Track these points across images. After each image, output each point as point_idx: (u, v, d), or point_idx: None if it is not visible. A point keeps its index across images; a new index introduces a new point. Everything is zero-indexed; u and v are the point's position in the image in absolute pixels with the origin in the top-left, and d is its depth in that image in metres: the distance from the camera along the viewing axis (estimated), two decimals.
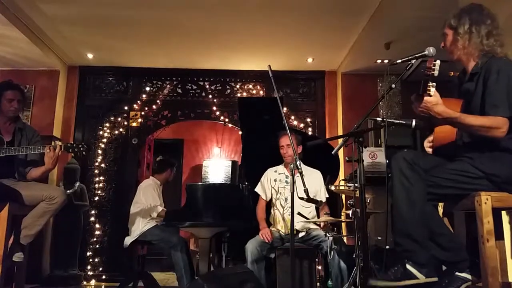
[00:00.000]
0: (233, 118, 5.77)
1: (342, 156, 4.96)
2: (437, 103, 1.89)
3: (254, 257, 3.10)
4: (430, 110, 1.90)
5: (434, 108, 1.89)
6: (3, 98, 2.94)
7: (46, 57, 5.22)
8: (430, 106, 1.89)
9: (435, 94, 1.88)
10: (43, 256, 5.13)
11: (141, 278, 4.34)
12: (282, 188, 3.36)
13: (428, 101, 1.89)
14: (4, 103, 2.93)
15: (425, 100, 1.89)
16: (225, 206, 3.58)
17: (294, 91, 5.95)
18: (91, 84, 5.90)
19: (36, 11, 4.38)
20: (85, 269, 5.22)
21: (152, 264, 5.78)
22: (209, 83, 5.91)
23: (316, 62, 5.62)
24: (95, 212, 5.45)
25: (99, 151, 5.63)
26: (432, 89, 1.87)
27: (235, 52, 5.34)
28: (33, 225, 2.77)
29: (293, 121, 5.72)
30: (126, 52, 5.39)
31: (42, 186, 2.91)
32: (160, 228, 4.20)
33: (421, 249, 1.89)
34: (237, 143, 7.42)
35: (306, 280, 3.07)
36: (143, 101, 5.78)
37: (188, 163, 7.64)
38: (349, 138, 2.20)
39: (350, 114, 5.45)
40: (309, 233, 3.28)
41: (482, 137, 1.88)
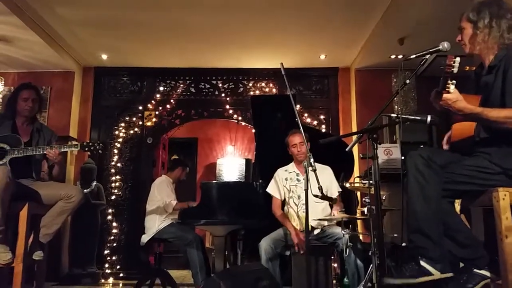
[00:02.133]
0: (246, 116, 5.78)
1: (357, 153, 4.93)
2: (457, 99, 1.86)
3: (268, 255, 3.11)
4: (450, 107, 1.88)
5: (455, 105, 1.87)
6: (19, 98, 2.99)
7: (62, 59, 5.30)
8: (451, 103, 1.87)
9: (454, 91, 1.86)
10: (62, 255, 5.23)
11: (158, 275, 4.38)
12: (294, 186, 3.35)
13: (447, 98, 1.86)
14: (20, 103, 2.98)
15: (444, 97, 1.86)
16: (239, 204, 3.59)
17: (307, 88, 5.93)
18: (106, 85, 5.98)
19: (51, 14, 4.45)
20: (103, 267, 5.30)
21: (169, 262, 5.83)
22: (222, 82, 5.93)
23: (329, 59, 5.59)
24: (112, 210, 5.52)
25: (115, 151, 5.70)
26: (451, 87, 1.85)
27: (248, 50, 5.34)
28: (51, 224, 2.82)
29: (306, 118, 5.70)
30: (139, 52, 5.44)
31: (59, 185, 2.97)
32: (176, 226, 4.24)
33: (434, 245, 1.87)
34: (251, 141, 7.43)
35: (322, 278, 3.07)
36: (157, 100, 5.83)
37: (202, 162, 7.68)
38: (363, 135, 2.19)
39: (364, 110, 5.40)
40: (324, 231, 3.27)
41: (501, 132, 1.85)
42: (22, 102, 2.98)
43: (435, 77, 1.99)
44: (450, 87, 1.85)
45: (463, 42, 2.08)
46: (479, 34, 2.00)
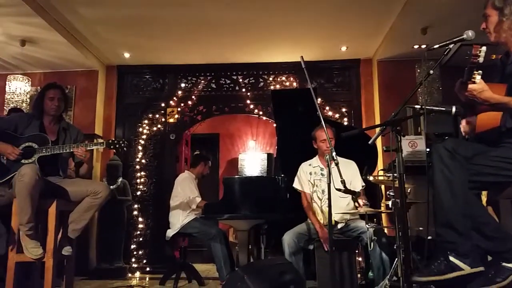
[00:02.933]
0: (267, 111, 5.77)
1: (380, 146, 4.86)
2: (483, 89, 1.81)
3: (291, 249, 3.11)
4: (476, 98, 1.83)
5: (481, 95, 1.82)
6: (46, 97, 3.06)
7: (85, 58, 5.41)
8: (476, 94, 1.82)
9: (480, 82, 1.81)
10: (90, 250, 5.37)
11: (183, 269, 4.46)
12: (318, 180, 3.33)
13: (473, 89, 1.82)
14: (46, 102, 3.06)
15: (470, 87, 1.82)
16: (261, 199, 3.60)
17: (329, 81, 5.87)
18: (129, 83, 6.07)
19: (74, 15, 4.55)
20: (129, 261, 5.41)
21: (194, 256, 5.92)
22: (242, 77, 5.93)
23: (350, 51, 5.52)
24: (137, 206, 5.63)
25: (139, 147, 5.80)
26: (477, 77, 1.80)
27: (267, 44, 5.32)
28: (79, 220, 2.89)
29: (328, 111, 5.65)
30: (161, 50, 5.50)
31: (86, 182, 3.03)
32: (200, 220, 4.29)
33: (463, 239, 1.84)
34: (272, 135, 7.42)
35: (346, 272, 3.05)
36: (179, 97, 5.89)
37: (224, 157, 7.73)
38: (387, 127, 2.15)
39: (388, 102, 5.32)
40: (348, 225, 3.25)
41: None
42: (48, 102, 3.05)
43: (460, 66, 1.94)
44: (476, 77, 1.80)
45: (488, 30, 2.02)
46: (505, 22, 1.93)
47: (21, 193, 2.60)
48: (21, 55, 5.21)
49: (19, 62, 5.47)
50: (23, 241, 2.71)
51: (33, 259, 2.70)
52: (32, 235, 2.69)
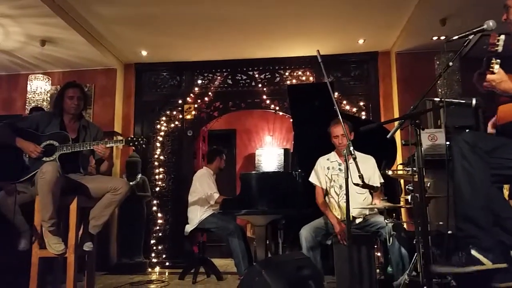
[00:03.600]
0: (283, 106, 5.75)
1: (399, 140, 4.80)
2: (501, 80, 1.77)
3: (309, 244, 3.11)
4: (495, 89, 1.79)
5: (500, 86, 1.77)
6: (65, 96, 3.11)
7: (104, 57, 5.49)
8: (495, 84, 1.77)
9: (498, 72, 1.76)
10: (110, 245, 5.46)
11: (202, 264, 4.51)
12: (335, 175, 3.31)
13: (491, 79, 1.77)
14: (66, 101, 3.11)
15: (488, 78, 1.77)
16: (279, 194, 3.60)
17: (346, 74, 5.81)
18: (146, 80, 6.13)
19: (92, 14, 4.61)
20: (149, 256, 5.49)
21: (212, 251, 5.97)
22: (258, 72, 5.92)
23: (367, 43, 5.45)
24: (156, 202, 5.70)
25: (157, 144, 5.86)
26: (496, 66, 1.75)
27: (283, 39, 5.30)
28: (100, 216, 2.94)
29: (345, 105, 5.60)
30: (177, 47, 5.53)
31: (106, 179, 3.08)
32: (217, 216, 4.32)
33: (485, 234, 1.80)
34: (289, 130, 7.40)
35: (365, 267, 3.03)
36: (196, 94, 5.92)
37: (241, 153, 7.75)
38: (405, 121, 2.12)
39: (406, 95, 5.23)
40: (367, 220, 3.23)
41: None
42: (68, 101, 3.10)
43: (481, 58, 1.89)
44: (494, 67, 1.75)
45: (509, 20, 1.97)
46: None
47: (43, 190, 2.66)
48: (41, 54, 5.32)
49: (40, 62, 5.58)
50: (46, 237, 2.77)
51: (55, 255, 2.76)
52: (54, 231, 2.75)
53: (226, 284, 4.21)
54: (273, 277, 2.32)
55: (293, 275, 2.44)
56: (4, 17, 4.39)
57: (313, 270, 2.63)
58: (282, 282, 2.30)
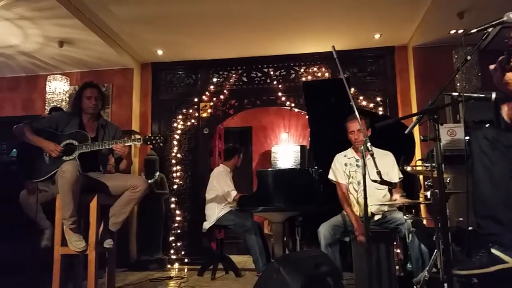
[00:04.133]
0: (299, 103, 5.73)
1: (417, 135, 4.73)
2: None
3: (327, 241, 3.10)
4: None
5: None
6: (83, 96, 3.17)
7: (120, 57, 5.55)
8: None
9: None
10: (130, 242, 5.54)
11: (220, 260, 4.54)
12: (353, 172, 3.28)
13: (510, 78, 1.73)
14: (84, 101, 3.17)
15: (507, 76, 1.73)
16: (295, 191, 3.59)
17: (362, 70, 5.75)
18: (163, 79, 6.19)
19: (108, 14, 4.67)
20: (168, 253, 5.55)
21: (230, 247, 6.01)
22: (274, 69, 5.91)
23: (384, 38, 5.38)
24: (174, 199, 5.75)
25: (174, 142, 5.91)
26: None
27: (298, 35, 5.27)
28: (120, 213, 2.99)
29: (361, 101, 5.54)
30: (192, 46, 5.56)
31: (125, 177, 3.13)
32: (235, 213, 4.34)
33: (506, 231, 1.76)
34: (305, 127, 7.38)
35: (384, 264, 3.01)
36: (211, 92, 5.95)
37: (257, 150, 7.75)
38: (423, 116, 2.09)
39: (424, 90, 5.16)
40: (385, 216, 3.20)
41: None
42: (86, 101, 3.16)
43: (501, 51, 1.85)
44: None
45: None
46: None
47: (63, 189, 2.71)
48: (59, 55, 5.42)
49: (58, 63, 5.68)
50: (67, 234, 2.83)
51: (76, 252, 2.82)
52: (75, 229, 2.81)
53: (244, 281, 4.23)
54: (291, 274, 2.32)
55: (311, 272, 2.43)
56: (23, 19, 4.48)
57: (331, 267, 2.62)
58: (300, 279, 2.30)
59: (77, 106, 3.19)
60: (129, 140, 3.09)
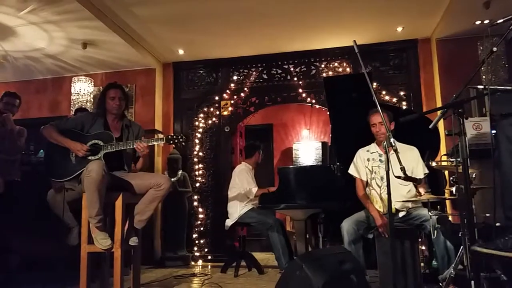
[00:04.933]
0: (320, 99, 5.69)
1: (442, 129, 4.63)
2: None
3: (350, 237, 3.07)
4: None
5: None
6: (107, 97, 3.24)
7: (143, 57, 5.63)
8: None
9: None
10: (155, 240, 5.63)
11: (243, 257, 4.56)
12: (376, 167, 3.24)
13: None
14: (108, 102, 3.23)
15: None
16: (317, 188, 3.57)
17: (384, 64, 5.65)
18: (184, 79, 6.25)
19: (130, 15, 4.74)
20: (192, 250, 5.62)
21: (253, 245, 6.04)
22: (294, 66, 5.88)
23: (406, 31, 5.28)
24: (197, 197, 5.81)
25: (196, 141, 5.97)
26: None
27: (318, 30, 5.22)
28: (144, 211, 3.04)
29: (384, 96, 5.46)
30: (213, 44, 5.59)
31: (149, 175, 3.17)
32: (257, 210, 4.36)
33: None
34: (326, 123, 7.33)
35: (409, 261, 2.97)
36: (232, 90, 5.97)
37: (278, 147, 7.75)
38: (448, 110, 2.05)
39: (449, 83, 5.04)
40: (410, 213, 3.15)
41: None
42: (110, 101, 3.23)
43: None
44: None
45: None
46: None
47: (89, 188, 2.78)
48: (83, 57, 5.53)
49: (82, 64, 5.81)
50: (93, 232, 2.89)
51: (102, 250, 2.88)
52: (101, 227, 2.86)
53: (267, 278, 4.24)
54: (314, 271, 2.31)
55: (334, 269, 2.42)
56: (48, 23, 4.60)
57: (355, 264, 2.60)
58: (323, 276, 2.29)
59: (101, 106, 3.26)
60: (152, 140, 3.13)
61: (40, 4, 4.20)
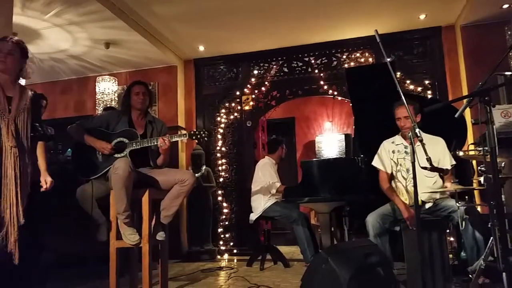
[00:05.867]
0: (342, 91, 5.62)
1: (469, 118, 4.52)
2: None
3: (376, 231, 3.04)
4: None
5: None
6: (132, 93, 3.30)
7: (164, 55, 5.69)
8: None
9: None
10: (181, 234, 5.72)
11: (268, 251, 4.59)
12: (401, 159, 3.18)
13: None
14: (132, 97, 3.29)
15: None
16: (341, 180, 3.55)
17: (408, 52, 5.54)
18: (205, 75, 6.29)
19: (151, 14, 4.79)
20: (218, 244, 5.69)
21: (278, 238, 6.05)
22: (314, 58, 5.83)
23: (429, 18, 5.15)
24: (221, 192, 5.86)
25: (218, 136, 6.01)
26: None
27: (339, 21, 5.16)
28: (170, 206, 3.09)
29: (408, 85, 5.35)
30: (233, 39, 5.60)
31: (174, 171, 3.22)
32: (280, 204, 4.36)
33: None
34: (349, 115, 7.24)
35: (437, 253, 2.92)
36: (253, 84, 5.97)
37: (300, 140, 7.71)
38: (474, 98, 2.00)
39: (475, 70, 4.89)
40: (437, 204, 3.09)
41: None
42: (134, 96, 3.29)
43: None
44: None
45: None
46: None
47: (117, 185, 2.84)
48: (107, 57, 5.64)
49: (105, 64, 5.92)
50: (121, 228, 2.96)
51: (131, 245, 2.94)
52: (129, 223, 2.93)
53: (293, 271, 4.25)
54: (340, 264, 2.31)
55: (360, 262, 2.41)
56: (72, 24, 4.70)
57: (381, 257, 2.58)
58: (349, 269, 2.29)
59: (126, 103, 3.32)
60: (176, 136, 3.18)
61: (63, 7, 4.29)
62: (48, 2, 4.18)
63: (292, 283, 3.47)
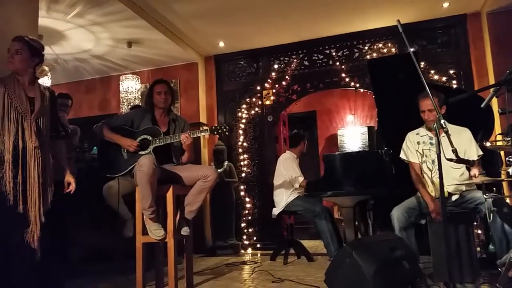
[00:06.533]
0: (364, 82, 5.54)
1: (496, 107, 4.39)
2: None
3: (401, 224, 3.00)
4: None
5: None
6: (154, 92, 3.34)
7: (185, 52, 5.74)
8: None
9: None
10: (205, 229, 5.78)
11: (291, 245, 4.59)
12: (427, 150, 3.13)
13: None
14: (155, 97, 3.33)
15: None
16: (365, 174, 3.51)
17: (432, 42, 5.41)
18: (226, 71, 6.31)
19: (171, 12, 4.83)
20: (241, 238, 5.72)
21: (301, 233, 6.05)
22: (335, 50, 5.77)
23: (453, 6, 5.01)
24: (243, 187, 5.89)
25: (240, 131, 6.03)
26: None
27: (360, 11, 5.07)
28: (194, 202, 3.13)
29: (433, 75, 5.23)
30: (252, 34, 5.59)
31: (196, 167, 3.26)
32: (303, 198, 4.35)
33: None
34: (371, 107, 7.14)
35: (464, 246, 2.87)
36: (273, 79, 5.96)
37: (322, 134, 7.65)
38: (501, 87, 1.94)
39: (502, 58, 4.74)
40: (464, 196, 3.03)
41: None
42: (156, 96, 3.33)
43: None
44: None
45: None
46: None
47: (142, 182, 2.89)
48: (129, 55, 5.72)
49: (128, 63, 6.01)
50: (147, 224, 3.01)
51: (156, 240, 3.00)
52: (154, 218, 2.98)
53: (317, 265, 4.24)
54: (365, 258, 2.30)
55: (385, 256, 2.39)
56: (95, 24, 4.79)
57: (407, 250, 2.55)
58: (374, 263, 2.27)
59: (149, 102, 3.37)
60: (197, 132, 3.21)
61: (86, 7, 4.37)
62: (72, 4, 4.27)
63: (316, 277, 3.46)
